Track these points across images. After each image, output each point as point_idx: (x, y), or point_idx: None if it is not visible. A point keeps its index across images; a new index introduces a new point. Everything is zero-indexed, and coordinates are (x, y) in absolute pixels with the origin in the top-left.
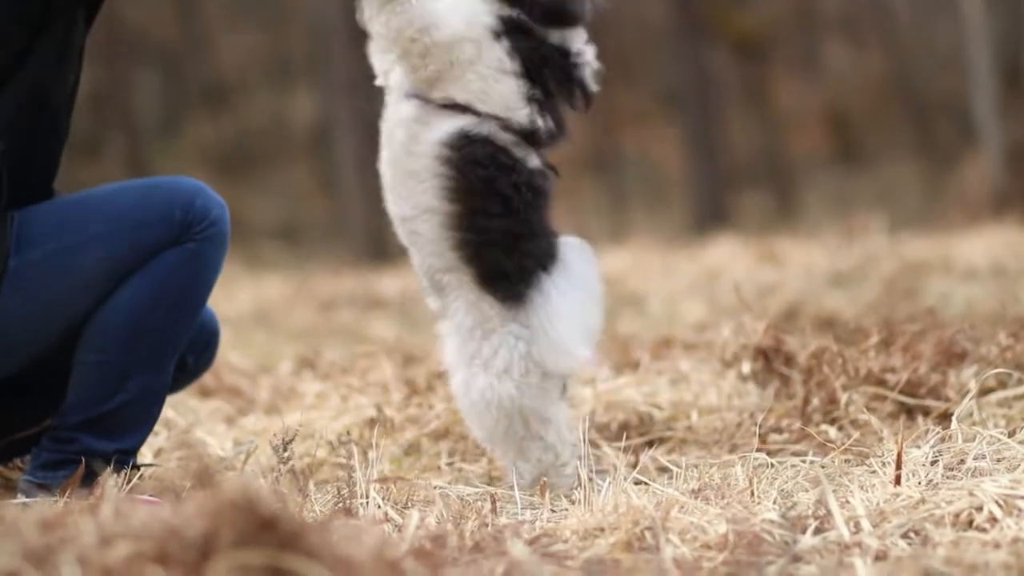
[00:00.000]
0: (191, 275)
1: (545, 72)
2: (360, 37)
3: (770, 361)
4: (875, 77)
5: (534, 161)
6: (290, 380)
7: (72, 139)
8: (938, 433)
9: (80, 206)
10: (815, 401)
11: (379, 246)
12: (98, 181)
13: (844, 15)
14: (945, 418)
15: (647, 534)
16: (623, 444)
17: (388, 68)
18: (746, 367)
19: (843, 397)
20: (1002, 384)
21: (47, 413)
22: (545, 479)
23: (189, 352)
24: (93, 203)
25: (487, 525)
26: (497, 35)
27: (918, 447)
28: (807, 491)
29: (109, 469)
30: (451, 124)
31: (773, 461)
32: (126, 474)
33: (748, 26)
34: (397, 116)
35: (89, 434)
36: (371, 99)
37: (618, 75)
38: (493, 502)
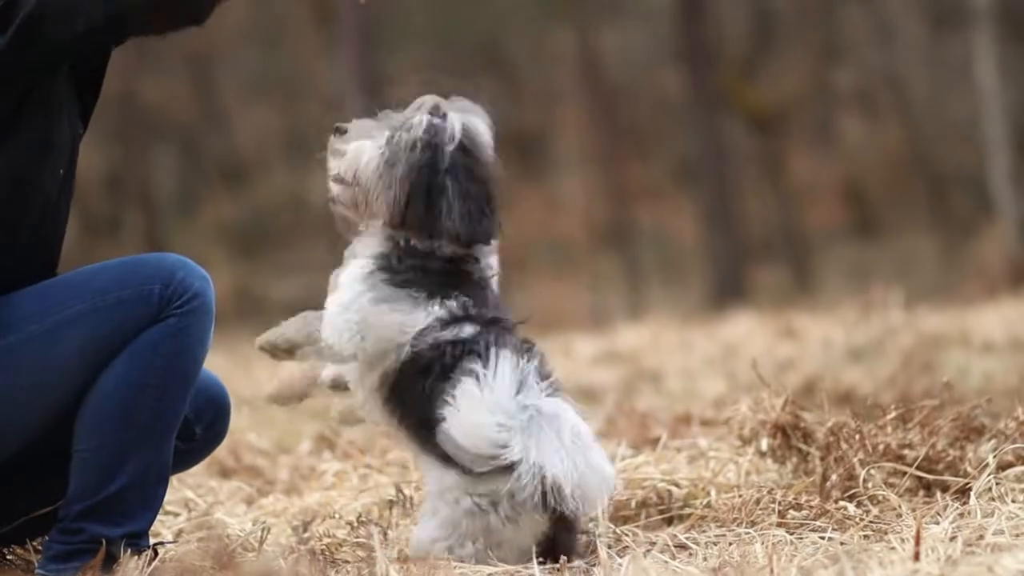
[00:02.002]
0: (176, 351)
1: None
2: (375, 112)
3: (788, 437)
4: (890, 150)
5: None
6: (309, 460)
7: (90, 218)
8: (957, 509)
9: (60, 287)
10: (834, 477)
11: None
12: None
13: (859, 88)
14: (964, 494)
15: None
16: (642, 522)
17: None
18: (764, 443)
19: (861, 473)
20: (1020, 459)
21: (59, 493)
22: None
23: (196, 423)
24: (73, 283)
25: None
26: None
27: (937, 523)
28: (827, 568)
29: (128, 553)
30: None
31: (792, 538)
32: (146, 556)
33: (763, 100)
34: None
35: (94, 522)
36: None
37: (633, 149)
38: None
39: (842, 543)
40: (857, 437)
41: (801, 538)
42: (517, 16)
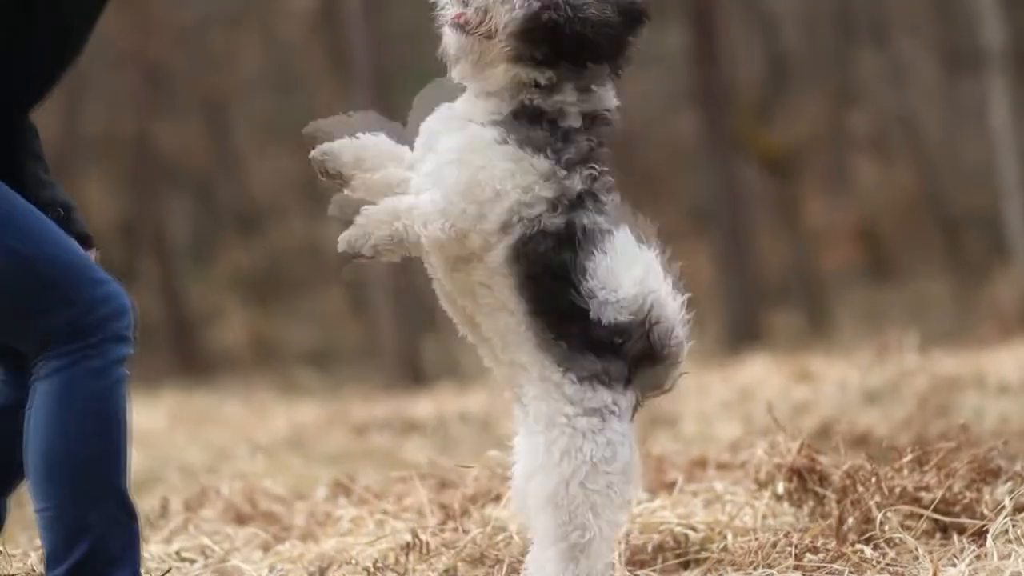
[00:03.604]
0: (104, 391)
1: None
2: None
3: (804, 480)
4: (904, 192)
5: None
6: (325, 506)
7: (105, 265)
8: (973, 551)
9: (26, 217)
10: (850, 520)
11: (412, 369)
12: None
13: (872, 131)
14: (980, 536)
15: None
16: (659, 566)
17: None
18: (780, 487)
19: (878, 516)
20: None
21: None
22: None
23: None
24: (37, 226)
25: None
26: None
27: (954, 566)
28: None
29: None
30: None
31: None
32: None
33: (777, 143)
34: None
35: None
36: None
37: (647, 193)
38: None
39: None
40: (873, 480)
41: None
42: None
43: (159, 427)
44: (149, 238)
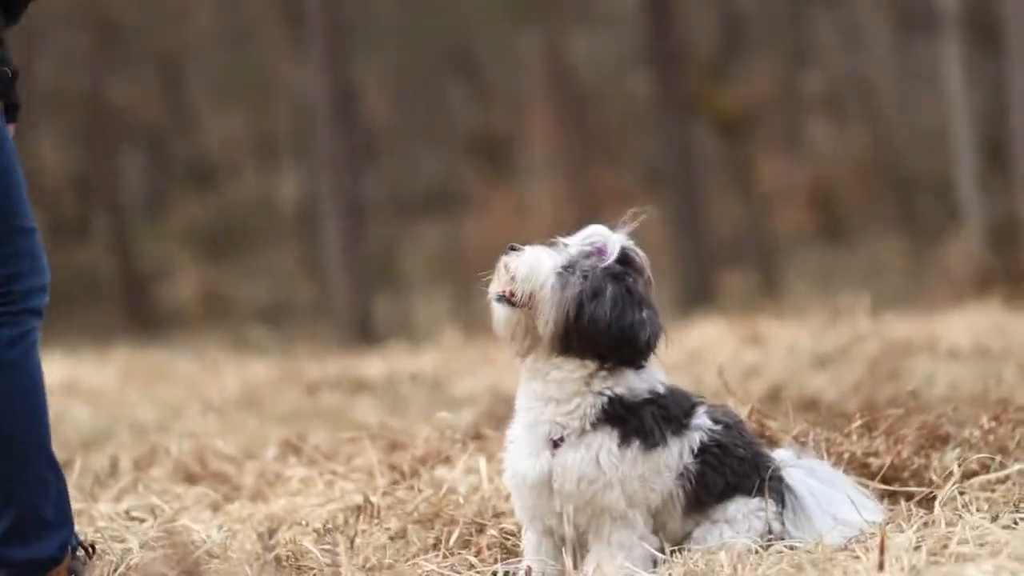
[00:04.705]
0: (18, 362)
1: None
2: (344, 115)
3: None
4: (859, 154)
5: None
6: (275, 466)
7: (58, 220)
8: (921, 518)
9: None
10: None
11: (364, 328)
12: (85, 262)
13: (827, 93)
14: (928, 502)
15: None
16: None
17: None
18: None
19: None
20: (985, 467)
21: None
22: None
23: None
24: (17, 177)
25: None
26: None
27: (901, 532)
28: None
29: (91, 561)
30: None
31: (758, 547)
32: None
33: (731, 104)
34: None
35: (15, 548)
36: (354, 177)
37: (601, 153)
38: None
39: (807, 552)
40: (822, 445)
41: (766, 547)
42: (486, 20)
43: (110, 384)
44: (102, 194)
